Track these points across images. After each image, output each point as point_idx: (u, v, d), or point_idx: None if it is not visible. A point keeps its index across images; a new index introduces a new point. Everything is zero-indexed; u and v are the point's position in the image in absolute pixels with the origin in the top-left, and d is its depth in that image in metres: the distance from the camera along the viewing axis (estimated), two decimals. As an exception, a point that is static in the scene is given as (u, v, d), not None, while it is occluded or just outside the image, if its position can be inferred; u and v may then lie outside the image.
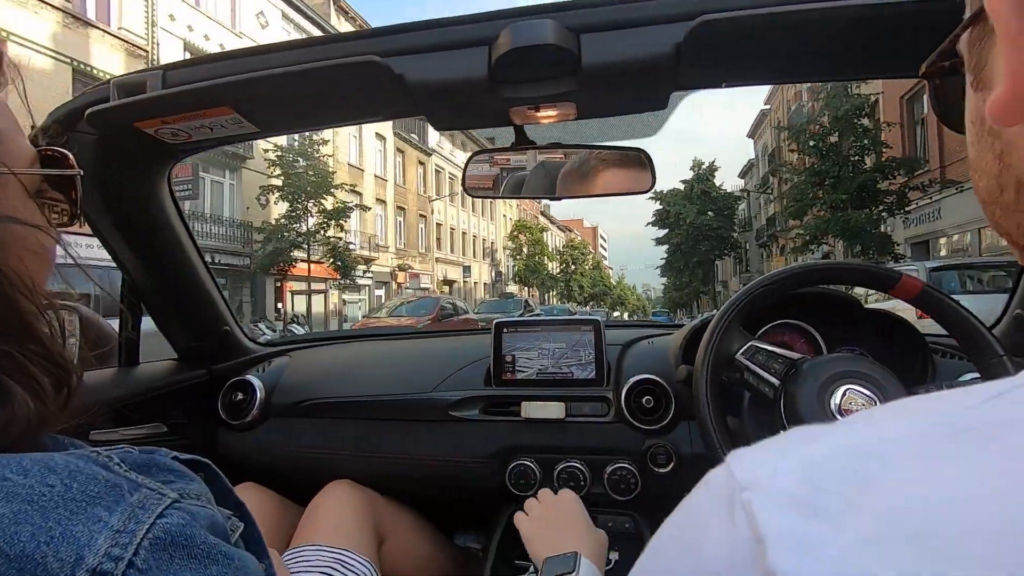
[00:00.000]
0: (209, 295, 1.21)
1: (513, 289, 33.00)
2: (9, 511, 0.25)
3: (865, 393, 0.76)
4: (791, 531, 0.19)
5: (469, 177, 0.98)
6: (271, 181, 15.42)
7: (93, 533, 0.26)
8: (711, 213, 31.49)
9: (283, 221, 15.45)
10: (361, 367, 1.33)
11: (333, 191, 15.98)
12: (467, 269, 30.06)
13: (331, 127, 1.03)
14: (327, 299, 18.85)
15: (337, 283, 18.01)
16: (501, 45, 0.66)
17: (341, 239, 16.71)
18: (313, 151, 15.85)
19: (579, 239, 51.21)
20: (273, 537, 0.98)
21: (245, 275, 16.23)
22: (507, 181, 0.98)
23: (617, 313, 48.83)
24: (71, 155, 0.42)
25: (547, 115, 0.82)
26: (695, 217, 30.75)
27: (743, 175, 40.69)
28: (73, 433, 0.35)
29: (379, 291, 21.95)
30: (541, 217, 39.96)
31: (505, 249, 36.31)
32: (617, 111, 0.85)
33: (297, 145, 15.74)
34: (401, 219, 24.62)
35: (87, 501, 0.27)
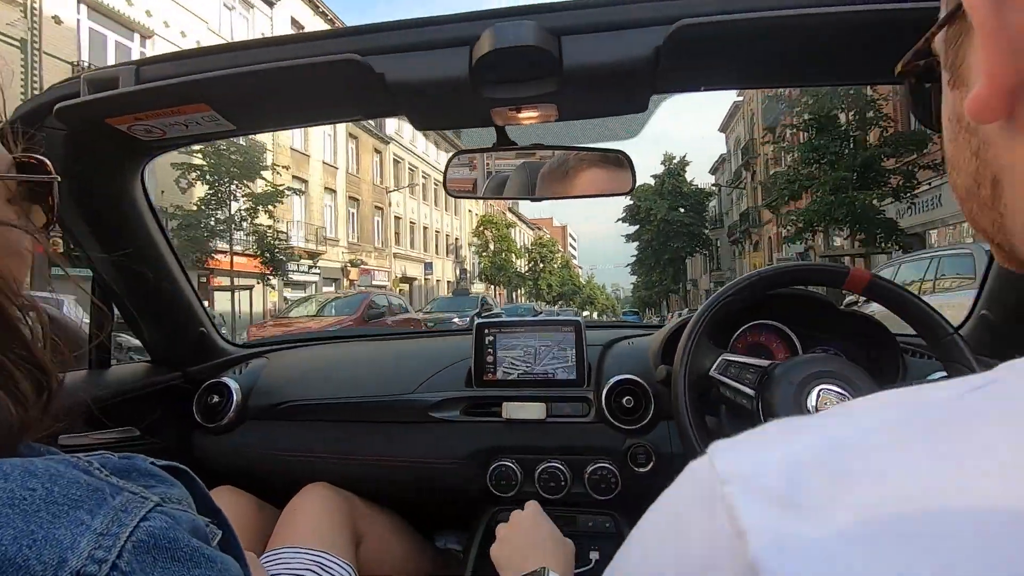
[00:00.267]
0: (184, 296, 1.22)
1: (479, 288, 32.73)
2: None
3: (839, 392, 0.80)
4: (772, 526, 0.20)
5: (451, 180, 1.01)
6: (192, 160, 13.52)
7: (76, 536, 0.27)
8: (682, 209, 32.10)
9: (200, 206, 13.82)
10: (341, 368, 1.35)
11: (263, 173, 14.51)
12: (429, 266, 29.54)
13: (311, 126, 1.05)
14: (265, 297, 17.39)
15: (267, 278, 16.28)
16: (482, 46, 0.68)
17: (271, 227, 15.18)
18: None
19: (548, 237, 51.07)
20: (249, 539, 1.00)
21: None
22: (488, 182, 1.02)
23: (587, 313, 49.35)
24: (48, 161, 0.43)
25: (528, 116, 0.86)
26: (666, 212, 31.25)
27: (714, 171, 41.59)
28: (44, 438, 0.36)
29: (328, 287, 20.79)
30: (508, 213, 39.88)
31: (471, 245, 35.84)
32: (598, 113, 0.88)
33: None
34: (354, 211, 23.61)
35: (69, 505, 0.27)
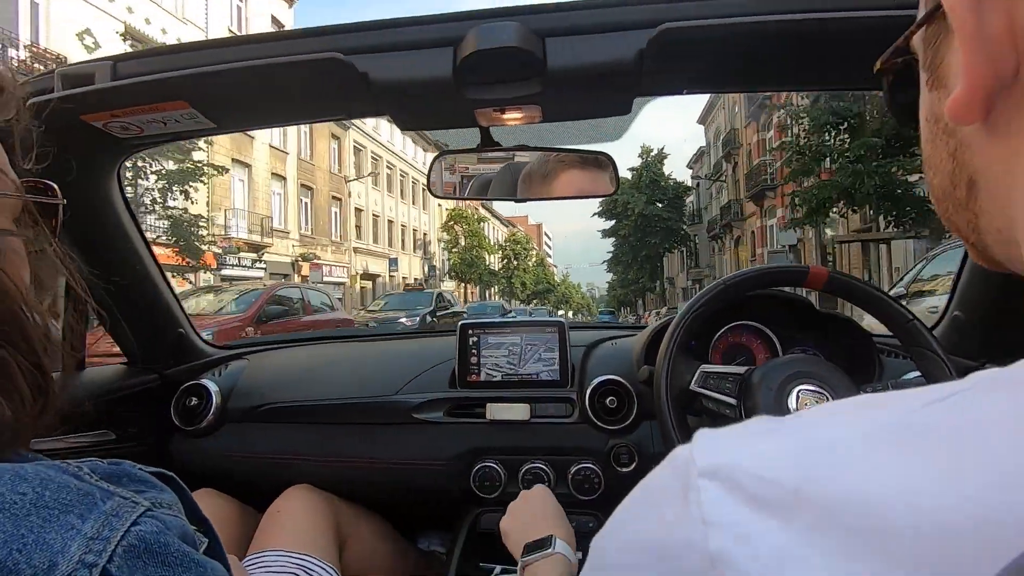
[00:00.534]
0: (162, 296, 1.23)
1: (450, 285, 32.53)
2: None
3: (817, 391, 0.84)
4: (737, 521, 0.22)
5: (434, 181, 1.05)
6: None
7: (66, 540, 0.27)
8: (660, 203, 32.35)
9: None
10: (322, 370, 1.38)
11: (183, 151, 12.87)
12: (394, 262, 28.72)
13: (292, 124, 1.07)
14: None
15: (184, 272, 14.32)
16: (467, 46, 0.70)
17: (185, 211, 13.69)
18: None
19: (522, 234, 51.06)
20: (230, 542, 1.02)
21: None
22: (472, 183, 1.06)
23: (561, 312, 49.55)
24: (56, 186, 0.45)
25: (513, 117, 0.89)
26: (644, 207, 31.35)
27: (692, 164, 42.17)
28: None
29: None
30: (480, 208, 39.81)
31: (440, 241, 35.44)
32: (582, 115, 0.93)
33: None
34: (307, 200, 22.41)
35: (60, 509, 0.28)
